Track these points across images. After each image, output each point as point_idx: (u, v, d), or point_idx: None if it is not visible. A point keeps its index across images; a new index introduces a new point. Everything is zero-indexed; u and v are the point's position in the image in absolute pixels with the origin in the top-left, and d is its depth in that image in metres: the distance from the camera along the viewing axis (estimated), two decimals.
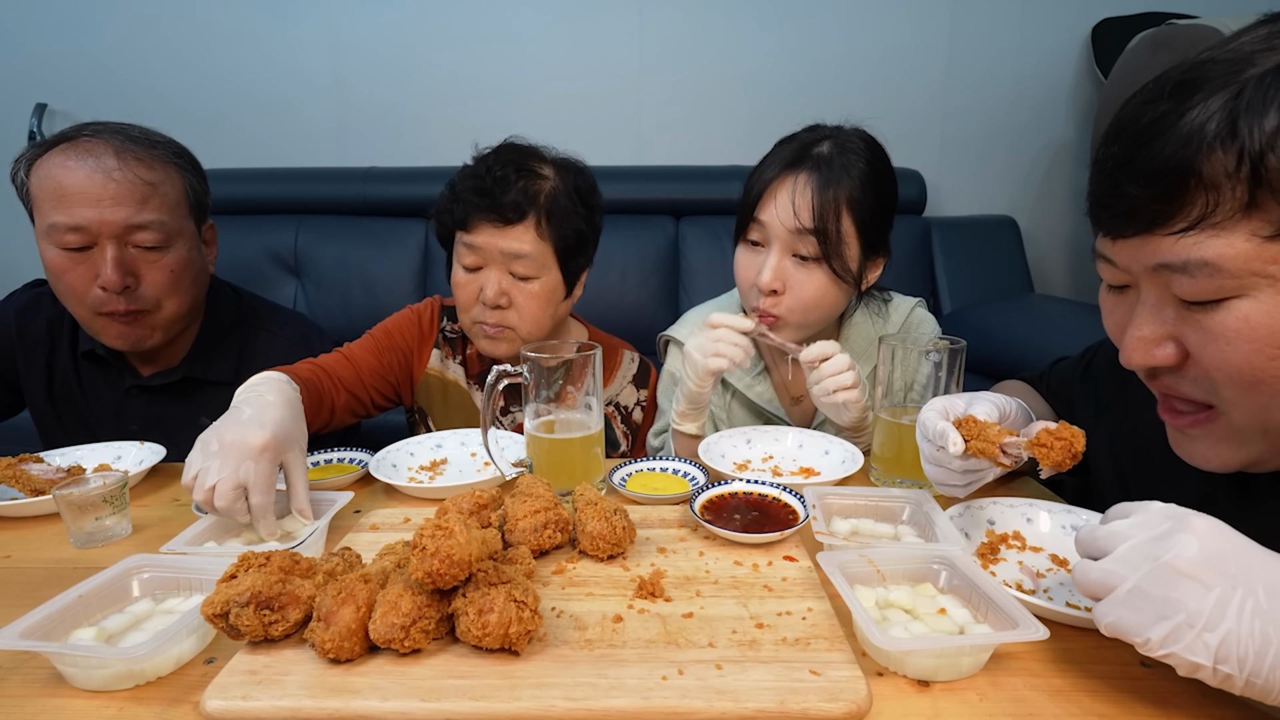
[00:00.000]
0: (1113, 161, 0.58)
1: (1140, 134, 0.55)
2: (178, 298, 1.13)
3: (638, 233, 2.55)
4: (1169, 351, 0.59)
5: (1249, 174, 0.50)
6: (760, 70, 2.64)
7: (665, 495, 0.86)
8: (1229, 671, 0.45)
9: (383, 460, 0.98)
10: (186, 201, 1.14)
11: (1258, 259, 0.51)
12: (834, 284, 1.03)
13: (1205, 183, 0.51)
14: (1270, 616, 0.45)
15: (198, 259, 1.17)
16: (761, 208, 1.03)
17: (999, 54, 2.65)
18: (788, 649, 0.55)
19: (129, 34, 2.60)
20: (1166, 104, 0.54)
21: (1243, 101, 0.50)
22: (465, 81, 2.66)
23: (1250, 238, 0.51)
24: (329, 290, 2.52)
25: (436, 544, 0.53)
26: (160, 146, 1.11)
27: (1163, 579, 0.47)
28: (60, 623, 0.57)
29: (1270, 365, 0.54)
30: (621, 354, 1.32)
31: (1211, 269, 0.53)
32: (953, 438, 0.71)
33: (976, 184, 2.78)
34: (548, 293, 1.13)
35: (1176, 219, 0.53)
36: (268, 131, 2.69)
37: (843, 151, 1.02)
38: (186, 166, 1.15)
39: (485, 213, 1.08)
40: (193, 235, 1.15)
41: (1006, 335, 2.03)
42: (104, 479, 0.81)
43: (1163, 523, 0.50)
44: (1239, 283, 0.52)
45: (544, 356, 0.83)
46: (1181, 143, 0.52)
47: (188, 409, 1.21)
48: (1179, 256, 0.54)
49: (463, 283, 1.13)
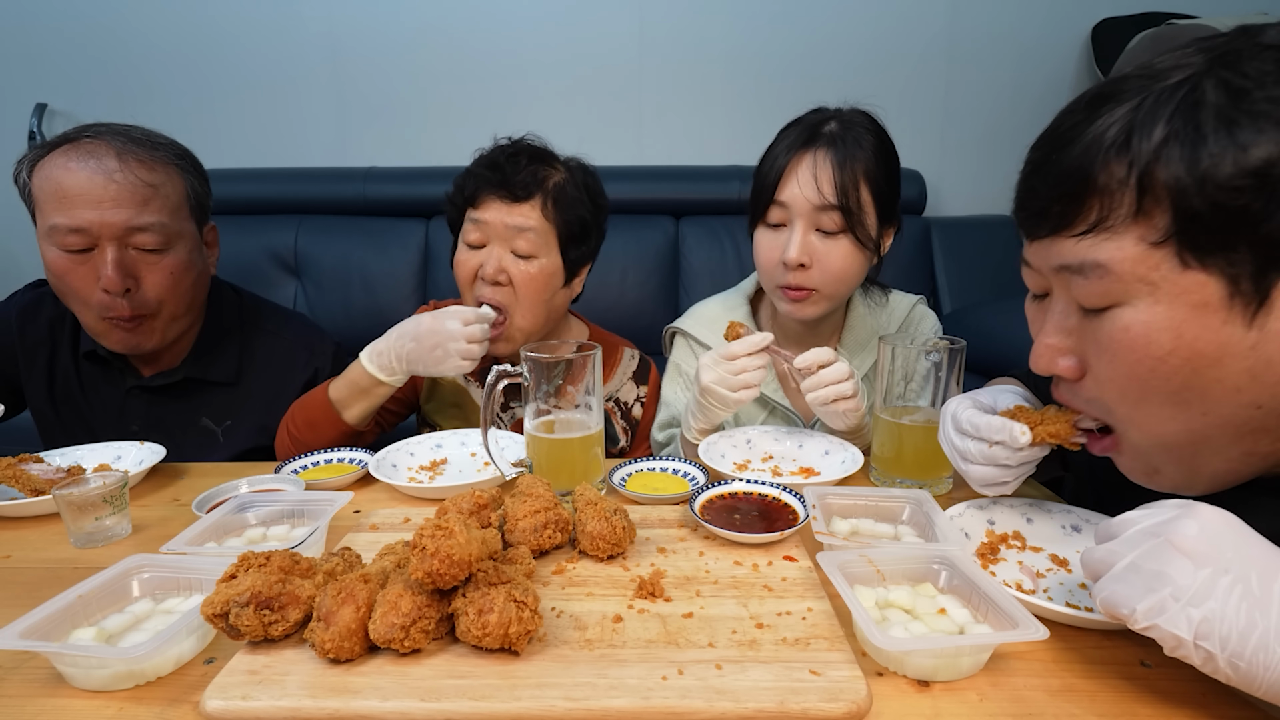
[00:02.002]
0: (1031, 165, 0.62)
1: (1056, 140, 0.59)
2: (178, 299, 1.13)
3: (638, 233, 2.55)
4: (1070, 364, 0.62)
5: (1136, 183, 0.53)
6: (760, 70, 2.65)
7: (665, 495, 0.86)
8: (1210, 649, 0.46)
9: (383, 460, 0.98)
10: (188, 203, 1.14)
11: (1143, 264, 0.54)
12: (858, 252, 1.06)
13: (1100, 188, 0.55)
14: (1259, 602, 0.45)
15: (198, 261, 1.16)
16: (782, 188, 1.05)
17: (999, 54, 2.65)
18: (788, 649, 0.55)
19: (129, 34, 2.60)
20: (1082, 113, 0.58)
21: (1140, 113, 0.53)
22: (465, 81, 2.66)
23: (1138, 243, 0.54)
24: (329, 290, 2.52)
25: (436, 544, 0.53)
26: (162, 148, 1.11)
27: (1158, 555, 0.49)
28: (60, 623, 0.57)
29: (1151, 378, 0.56)
30: (621, 351, 1.33)
31: (1102, 270, 0.56)
32: (1018, 429, 0.70)
33: (976, 184, 2.78)
34: (546, 276, 1.14)
35: (1077, 222, 0.57)
36: (268, 131, 2.69)
37: (850, 128, 1.05)
38: (188, 168, 1.15)
39: (495, 188, 1.10)
40: (193, 237, 1.15)
41: (1006, 335, 2.02)
42: (104, 479, 0.81)
43: (1172, 510, 0.51)
44: (1125, 288, 0.55)
45: (544, 356, 0.83)
46: (1084, 149, 0.56)
47: (188, 409, 1.21)
48: (1077, 258, 0.57)
49: (464, 259, 1.15)
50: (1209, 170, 0.50)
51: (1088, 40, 2.60)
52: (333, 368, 1.28)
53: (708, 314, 1.26)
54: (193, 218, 1.15)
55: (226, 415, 1.22)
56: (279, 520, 0.80)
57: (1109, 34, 2.54)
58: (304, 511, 0.80)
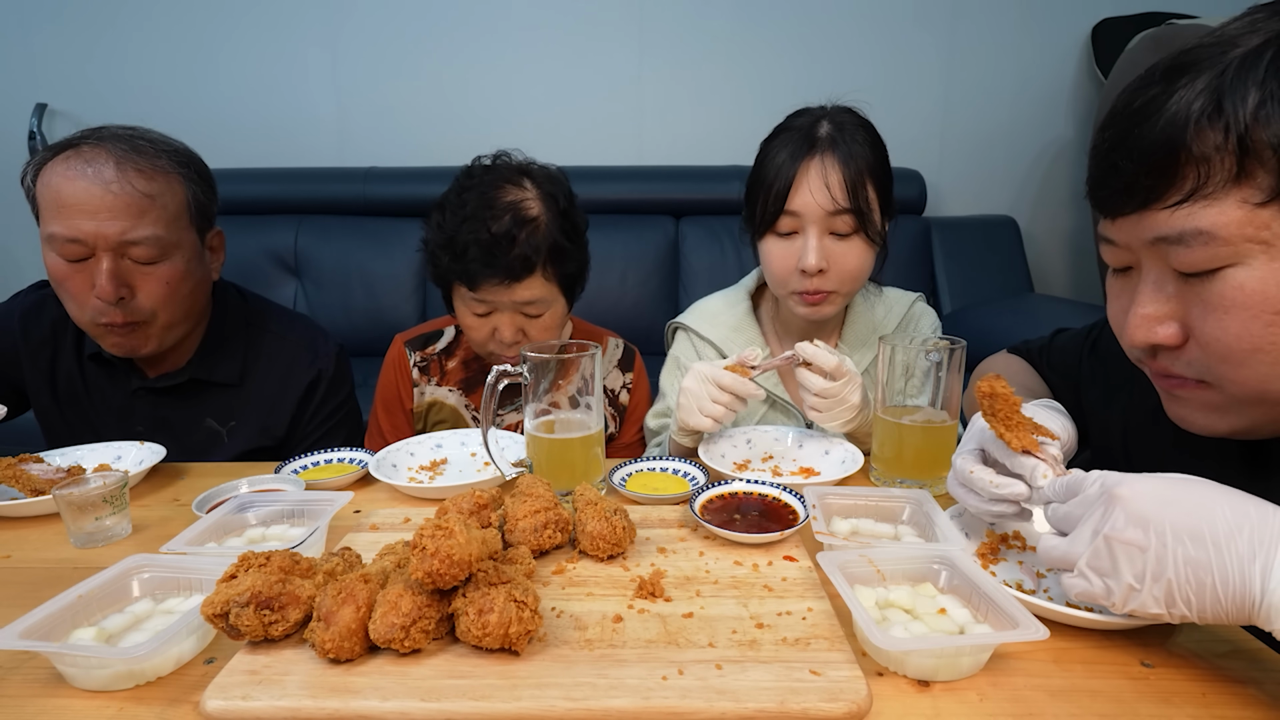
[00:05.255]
0: (1108, 143, 0.61)
1: (1133, 116, 0.59)
2: (173, 308, 1.12)
3: (638, 233, 2.55)
4: (1171, 331, 0.61)
5: (1236, 146, 0.53)
6: (760, 70, 2.65)
7: (665, 495, 0.86)
8: (1184, 613, 0.52)
9: (383, 460, 0.98)
10: (188, 212, 1.12)
11: (1250, 225, 0.54)
12: (869, 249, 1.08)
13: (1195, 157, 0.55)
14: (1199, 562, 0.50)
15: (197, 269, 1.15)
16: (793, 197, 1.05)
17: (999, 54, 2.65)
18: (788, 649, 0.55)
19: (129, 34, 2.60)
20: (1158, 87, 0.57)
21: (1226, 79, 0.54)
22: (465, 81, 2.66)
23: (1241, 205, 0.54)
24: (329, 290, 2.52)
25: (436, 544, 0.53)
26: (165, 155, 1.10)
27: (1105, 552, 0.54)
28: (60, 623, 0.57)
29: (1267, 332, 0.56)
30: (607, 340, 1.37)
31: (1206, 237, 0.55)
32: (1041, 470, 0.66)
33: (976, 184, 2.78)
34: (558, 321, 1.20)
35: (1170, 193, 0.57)
36: (268, 131, 2.70)
37: (843, 127, 1.06)
38: (192, 175, 1.13)
39: (494, 274, 1.09)
40: (193, 246, 1.14)
41: (1006, 335, 2.02)
42: (104, 479, 0.81)
43: (1097, 501, 0.56)
44: (1233, 250, 0.55)
45: (544, 356, 0.83)
46: (1170, 120, 0.56)
47: (193, 410, 1.21)
48: (1175, 228, 0.57)
49: (474, 325, 1.17)
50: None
51: (1088, 40, 2.60)
52: (335, 369, 1.28)
53: (710, 309, 1.27)
54: (193, 226, 1.14)
55: (230, 416, 1.22)
56: (279, 520, 0.80)
57: (1109, 34, 2.54)
58: (304, 511, 0.80)
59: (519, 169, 1.17)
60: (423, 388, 1.31)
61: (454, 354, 1.33)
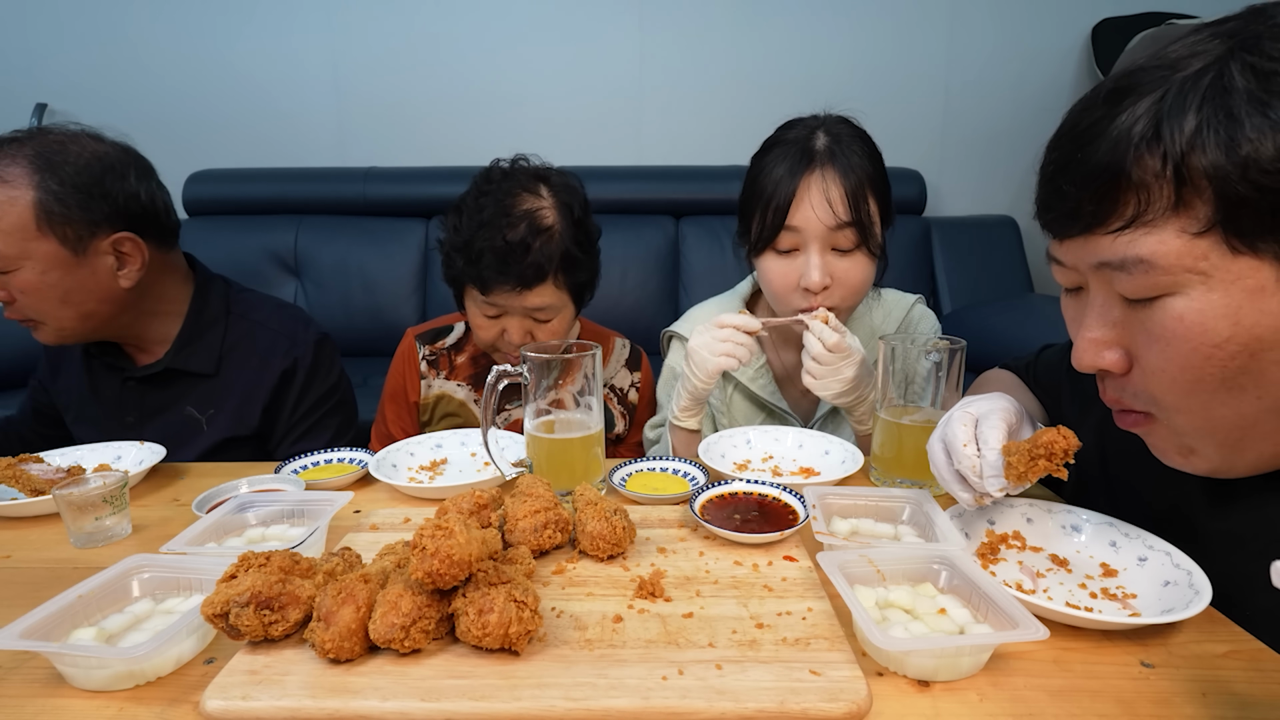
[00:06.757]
0: (1053, 166, 0.61)
1: (1077, 138, 0.58)
2: (56, 313, 1.09)
3: (638, 233, 2.55)
4: (1116, 357, 0.61)
5: (1173, 175, 0.52)
6: (760, 71, 2.65)
7: (665, 495, 0.86)
8: None
9: (383, 460, 0.98)
10: (35, 221, 1.03)
11: (1189, 255, 0.54)
12: (871, 262, 1.08)
13: (1135, 184, 0.54)
14: None
15: (64, 279, 1.06)
16: (794, 213, 1.03)
17: (999, 54, 2.65)
18: (788, 649, 0.55)
19: (129, 34, 2.60)
20: (1101, 109, 0.57)
21: (1166, 104, 0.53)
22: (465, 81, 2.66)
23: (1180, 234, 0.54)
24: (329, 290, 2.52)
25: (436, 544, 0.53)
26: (19, 163, 1.02)
27: None
28: (60, 623, 0.57)
29: (1206, 365, 0.56)
30: (613, 341, 1.38)
31: (1146, 265, 0.55)
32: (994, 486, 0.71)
33: (976, 184, 2.78)
34: (566, 325, 1.21)
35: (1112, 219, 0.56)
36: (268, 132, 2.70)
37: (840, 139, 1.04)
38: (49, 183, 1.03)
39: (507, 280, 1.10)
40: (50, 255, 1.05)
41: (1006, 335, 2.03)
42: (104, 479, 0.81)
43: None
44: (1173, 279, 0.55)
45: (544, 356, 0.83)
46: (1112, 146, 0.55)
47: (174, 399, 1.22)
48: (1117, 254, 0.57)
49: (484, 325, 1.19)
50: (1250, 154, 0.50)
51: (1088, 40, 2.60)
52: (314, 359, 1.27)
53: (703, 317, 1.26)
54: (51, 233, 1.04)
55: (209, 404, 1.22)
56: (279, 520, 0.80)
57: (1109, 34, 2.54)
58: (304, 511, 0.80)
59: (536, 175, 1.17)
60: (430, 380, 1.32)
61: (463, 349, 1.33)
